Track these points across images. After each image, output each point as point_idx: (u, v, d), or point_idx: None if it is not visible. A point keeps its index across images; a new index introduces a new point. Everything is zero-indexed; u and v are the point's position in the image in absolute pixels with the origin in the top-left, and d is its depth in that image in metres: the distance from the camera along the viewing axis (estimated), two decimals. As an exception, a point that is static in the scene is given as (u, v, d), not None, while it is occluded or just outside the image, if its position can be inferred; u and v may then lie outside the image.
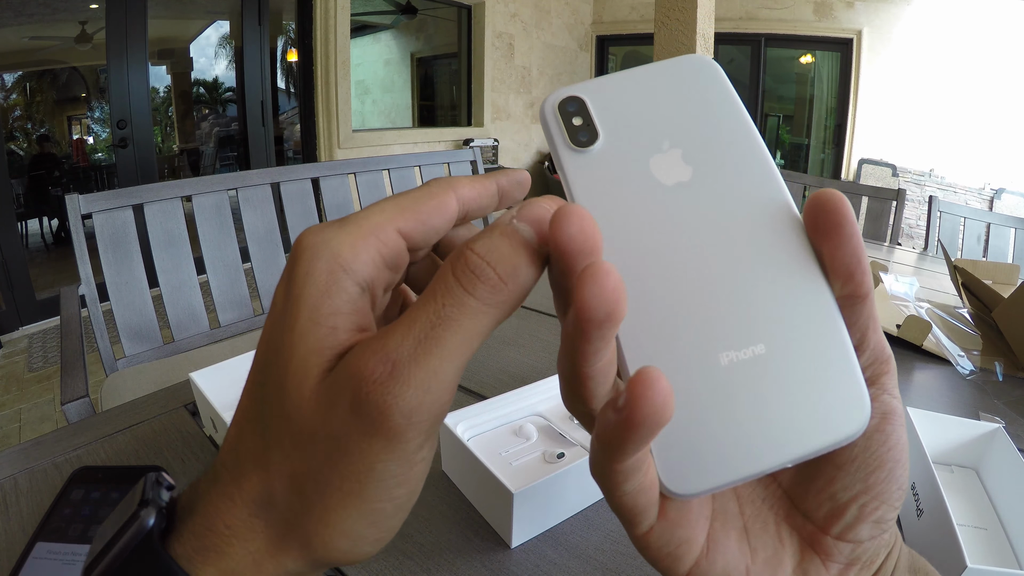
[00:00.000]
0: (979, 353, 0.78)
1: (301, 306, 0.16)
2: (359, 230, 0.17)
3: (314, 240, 0.17)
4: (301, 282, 0.16)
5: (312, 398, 0.16)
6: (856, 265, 0.17)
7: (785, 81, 5.92)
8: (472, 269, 0.16)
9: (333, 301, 0.16)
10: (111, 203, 1.10)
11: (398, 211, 0.18)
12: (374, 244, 0.17)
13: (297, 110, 4.06)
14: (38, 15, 2.78)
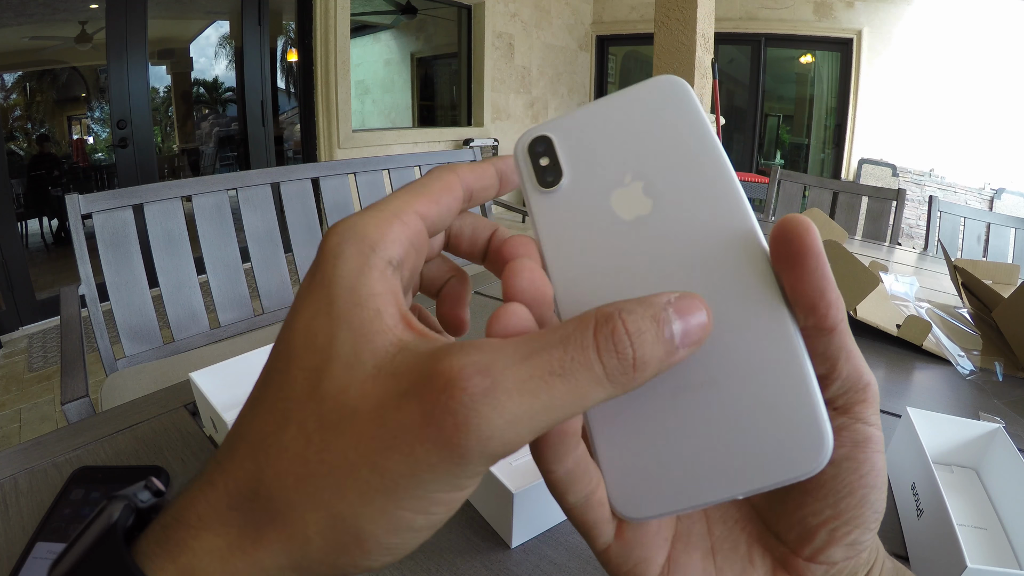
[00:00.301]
0: (979, 353, 0.78)
1: (336, 287, 0.16)
2: (382, 213, 0.17)
3: (340, 227, 0.17)
4: (331, 264, 0.16)
5: (363, 382, 0.14)
6: (819, 298, 0.16)
7: (785, 81, 5.92)
8: (615, 341, 0.14)
9: (368, 281, 0.16)
10: (111, 203, 1.10)
11: (413, 195, 0.18)
12: (398, 225, 0.17)
13: (297, 110, 4.06)
14: (38, 15, 2.78)
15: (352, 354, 0.15)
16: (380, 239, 0.16)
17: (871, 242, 1.65)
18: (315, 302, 0.16)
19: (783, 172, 2.00)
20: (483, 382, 0.13)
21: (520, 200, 5.65)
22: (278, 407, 0.15)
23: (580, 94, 6.62)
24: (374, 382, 0.14)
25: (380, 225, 0.17)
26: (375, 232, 0.16)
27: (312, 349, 0.15)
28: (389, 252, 0.16)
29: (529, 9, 5.58)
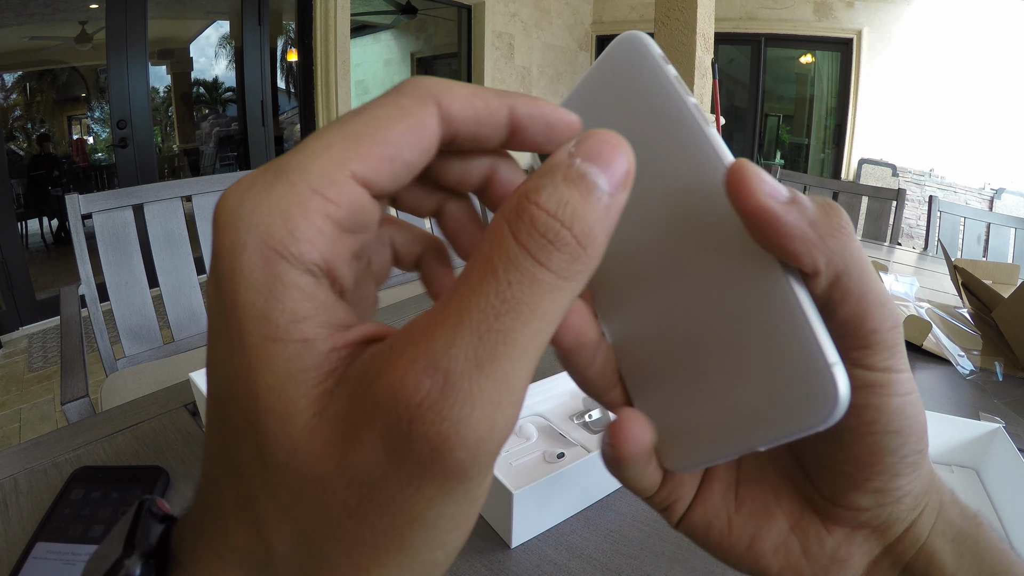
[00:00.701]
0: (979, 353, 0.78)
1: (244, 315, 0.12)
2: (293, 190, 0.12)
3: (232, 212, 0.12)
4: (230, 282, 0.12)
5: (310, 439, 0.11)
6: (776, 238, 0.14)
7: (785, 81, 5.92)
8: (543, 232, 0.11)
9: (284, 305, 0.12)
10: (111, 203, 1.10)
11: (350, 145, 0.13)
12: (318, 207, 0.12)
13: (297, 110, 4.06)
14: (38, 15, 2.78)
15: (283, 404, 0.11)
16: (290, 237, 0.12)
17: (871, 242, 1.65)
18: (226, 334, 0.12)
19: (783, 172, 2.01)
20: (433, 381, 0.11)
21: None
22: (234, 471, 0.13)
23: (580, 94, 6.61)
24: (318, 435, 0.11)
25: (290, 213, 0.12)
26: (281, 227, 0.12)
27: (238, 397, 0.12)
28: (307, 255, 0.12)
29: (529, 9, 5.58)
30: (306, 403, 0.11)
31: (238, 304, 0.12)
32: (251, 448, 0.12)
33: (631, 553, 0.43)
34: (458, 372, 0.11)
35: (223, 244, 0.12)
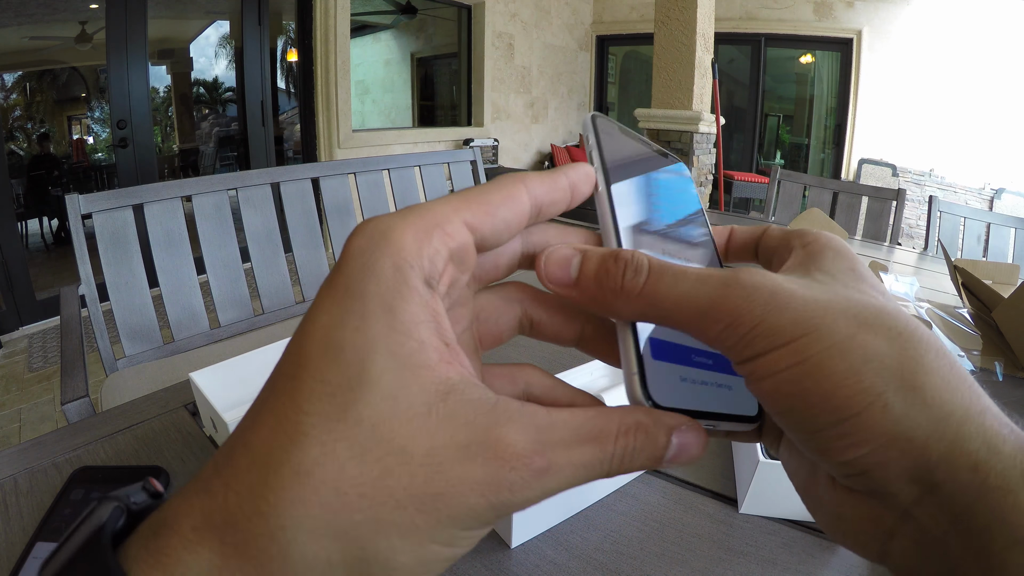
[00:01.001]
0: (979, 353, 0.78)
1: (370, 303, 0.14)
2: (422, 220, 0.16)
3: (371, 230, 0.15)
4: (362, 275, 0.15)
5: (412, 420, 0.14)
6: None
7: (785, 81, 5.92)
8: (625, 458, 0.16)
9: (410, 306, 0.15)
10: (111, 203, 1.10)
11: (463, 202, 0.17)
12: (439, 236, 0.16)
13: (297, 110, 4.06)
14: (38, 15, 2.78)
15: (396, 385, 0.14)
16: (418, 253, 0.15)
17: (871, 242, 1.65)
18: (342, 312, 0.14)
19: (783, 172, 2.00)
20: (542, 463, 0.15)
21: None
22: (289, 419, 0.14)
23: (580, 94, 6.62)
24: (426, 423, 0.14)
25: (419, 235, 0.15)
26: (412, 244, 0.15)
27: (336, 363, 0.14)
28: (428, 269, 0.15)
29: (529, 9, 5.58)
30: (418, 393, 0.14)
31: (367, 293, 0.14)
32: (328, 404, 0.14)
33: (631, 553, 0.43)
34: (554, 469, 0.15)
35: (361, 247, 0.15)
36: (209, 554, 0.13)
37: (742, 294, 0.16)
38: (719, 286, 0.16)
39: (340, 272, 0.15)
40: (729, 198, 5.17)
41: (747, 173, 5.49)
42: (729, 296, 0.16)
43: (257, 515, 0.13)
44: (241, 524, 0.13)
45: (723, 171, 4.22)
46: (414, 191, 1.58)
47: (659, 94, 3.20)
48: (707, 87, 3.20)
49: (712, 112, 3.21)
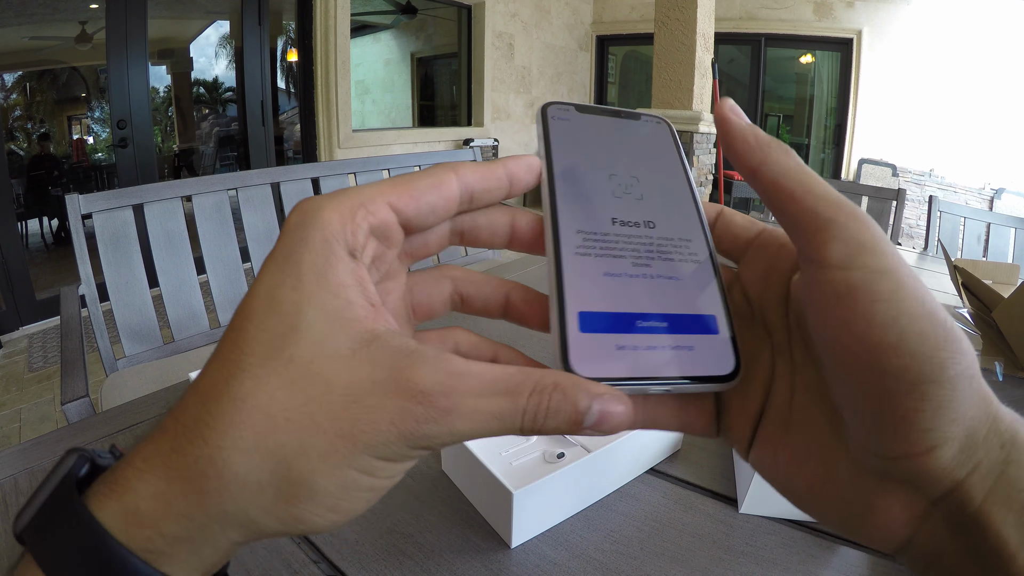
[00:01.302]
0: (979, 353, 0.78)
1: (304, 268, 0.17)
2: (348, 201, 0.18)
3: (304, 208, 0.18)
4: (297, 249, 0.17)
5: (337, 360, 0.16)
6: (735, 149, 0.19)
7: (785, 81, 5.92)
8: (538, 412, 0.17)
9: (337, 272, 0.17)
10: (111, 203, 1.10)
11: (390, 186, 0.19)
12: (361, 214, 0.18)
13: (297, 110, 4.06)
14: (38, 15, 2.78)
15: (325, 332, 0.16)
16: (341, 228, 0.17)
17: (871, 242, 1.65)
18: (280, 274, 0.17)
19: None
20: (446, 403, 0.16)
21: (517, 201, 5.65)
22: (231, 359, 0.16)
23: (580, 94, 6.62)
24: (349, 362, 0.16)
25: (343, 213, 0.18)
26: (337, 220, 0.17)
27: (275, 314, 0.16)
28: (351, 242, 0.17)
29: (529, 9, 5.58)
30: (344, 339, 0.16)
31: (302, 263, 0.17)
32: (265, 346, 0.16)
33: (631, 553, 0.43)
34: (457, 411, 0.16)
35: (295, 222, 0.18)
36: (155, 480, 0.15)
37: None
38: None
39: (280, 244, 0.18)
40: (729, 198, 5.17)
41: (747, 173, 5.48)
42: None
43: (199, 439, 0.15)
44: (185, 449, 0.15)
45: (723, 171, 4.22)
46: (414, 191, 1.58)
47: (659, 94, 3.20)
48: (707, 87, 3.20)
49: (712, 112, 3.21)
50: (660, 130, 0.25)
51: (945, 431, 0.15)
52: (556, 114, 0.24)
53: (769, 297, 0.21)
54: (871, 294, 0.15)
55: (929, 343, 0.15)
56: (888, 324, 0.15)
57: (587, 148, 0.24)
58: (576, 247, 0.21)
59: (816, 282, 0.17)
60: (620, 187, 0.23)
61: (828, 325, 0.16)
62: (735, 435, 0.21)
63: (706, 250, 0.22)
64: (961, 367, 0.15)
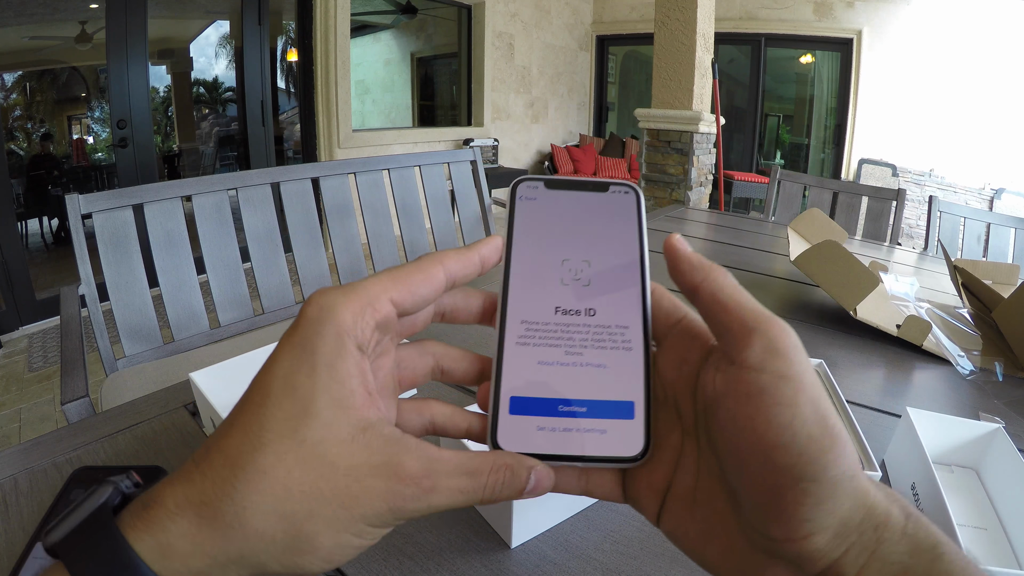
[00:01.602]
0: (979, 353, 0.78)
1: (318, 358, 0.20)
2: (358, 300, 0.21)
3: (321, 303, 0.21)
4: (312, 339, 0.20)
5: (340, 443, 0.20)
6: (676, 271, 0.23)
7: (785, 81, 5.92)
8: (494, 494, 0.21)
9: (346, 364, 0.20)
10: (111, 203, 1.10)
11: (392, 282, 0.22)
12: (370, 312, 0.21)
13: (297, 110, 4.06)
14: (38, 15, 2.78)
15: (331, 418, 0.20)
16: (354, 326, 0.21)
17: (871, 242, 1.65)
18: (297, 361, 0.20)
19: (783, 172, 2.00)
20: (427, 484, 0.20)
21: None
22: (253, 432, 0.19)
23: (580, 94, 6.62)
24: (350, 447, 0.20)
25: (356, 313, 0.21)
26: (350, 320, 0.21)
27: (291, 398, 0.20)
28: (360, 338, 0.21)
29: (529, 9, 5.58)
30: (345, 425, 0.20)
31: (317, 353, 0.20)
32: (283, 425, 0.19)
33: (631, 553, 0.43)
34: (437, 490, 0.21)
35: (313, 316, 0.21)
36: (187, 524, 0.18)
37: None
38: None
39: (297, 332, 0.21)
40: (729, 198, 5.17)
41: (747, 173, 5.49)
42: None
43: (226, 497, 0.18)
44: (213, 503, 0.18)
45: (723, 171, 4.22)
46: (414, 191, 1.58)
47: (659, 94, 3.20)
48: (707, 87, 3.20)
49: (712, 112, 3.21)
50: (626, 201, 0.27)
51: (821, 522, 0.18)
52: (524, 193, 0.27)
53: (681, 384, 0.24)
54: (774, 397, 0.18)
55: (815, 446, 0.18)
56: (784, 426, 0.18)
57: (547, 231, 0.26)
58: (518, 337, 0.24)
59: (733, 380, 0.20)
60: (570, 273, 0.25)
61: (736, 419, 0.19)
62: (642, 504, 0.24)
63: (640, 336, 0.24)
64: (841, 469, 0.18)
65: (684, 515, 0.22)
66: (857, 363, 0.73)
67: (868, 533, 0.19)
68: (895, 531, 0.19)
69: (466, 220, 1.74)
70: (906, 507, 0.20)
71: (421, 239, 1.59)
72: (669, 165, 3.23)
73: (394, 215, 1.54)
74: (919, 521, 0.19)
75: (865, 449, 0.44)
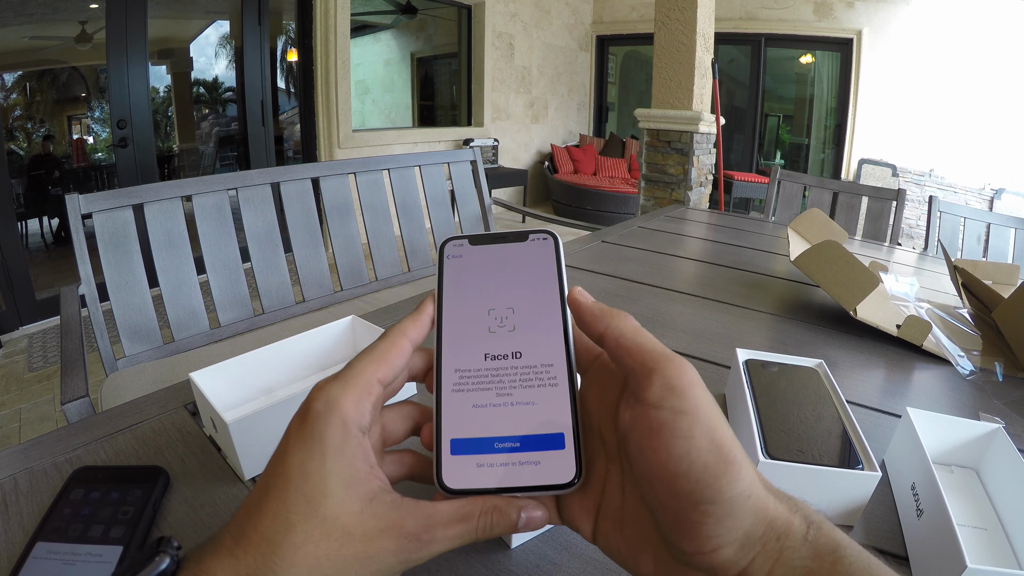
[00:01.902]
0: (979, 353, 0.78)
1: (327, 447, 0.24)
2: (356, 390, 0.25)
3: (326, 399, 0.24)
4: (321, 429, 0.24)
5: (353, 515, 0.23)
6: (582, 321, 0.27)
7: (785, 81, 5.92)
8: (487, 531, 0.25)
9: (351, 448, 0.24)
10: (111, 203, 1.10)
11: (375, 364, 0.26)
12: (366, 398, 0.25)
13: (297, 110, 4.06)
14: (38, 15, 2.78)
15: (344, 496, 0.23)
16: (356, 415, 0.24)
17: (871, 242, 1.65)
18: (310, 451, 0.24)
19: (783, 172, 2.00)
20: (427, 537, 0.24)
21: (517, 200, 5.64)
22: (281, 515, 0.23)
23: (580, 94, 6.62)
24: (360, 516, 0.23)
25: (355, 402, 0.25)
26: (352, 409, 0.24)
27: (308, 483, 0.23)
28: (362, 423, 0.25)
29: (529, 9, 5.58)
30: (355, 500, 0.24)
31: (325, 441, 0.24)
32: (305, 507, 0.23)
33: (631, 553, 0.42)
34: (435, 541, 0.24)
35: (319, 410, 0.24)
36: None
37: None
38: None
39: (307, 425, 0.24)
40: (729, 198, 5.17)
41: (747, 173, 5.49)
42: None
43: (269, 572, 0.22)
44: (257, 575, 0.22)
45: (723, 171, 4.22)
46: (414, 191, 1.58)
47: (659, 94, 3.20)
48: (707, 87, 3.20)
49: (712, 112, 3.21)
50: (544, 247, 0.30)
51: (725, 537, 0.21)
52: (451, 252, 0.30)
53: (603, 414, 0.27)
54: (672, 431, 0.21)
55: (711, 472, 0.21)
56: (681, 456, 0.21)
57: (473, 284, 0.29)
58: (453, 384, 0.27)
59: (638, 416, 0.23)
60: (496, 321, 0.28)
61: (642, 451, 0.22)
62: (578, 524, 0.26)
63: (565, 372, 0.27)
64: (737, 491, 0.21)
65: (615, 533, 0.25)
66: (857, 363, 0.73)
67: (771, 543, 0.21)
68: (797, 539, 0.21)
69: (466, 220, 1.74)
70: (809, 516, 0.22)
71: (421, 239, 1.59)
72: (669, 165, 3.23)
73: (394, 215, 1.54)
74: (821, 528, 0.22)
75: (865, 449, 0.44)
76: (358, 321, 0.62)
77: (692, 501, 0.21)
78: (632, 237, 1.34)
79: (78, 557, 0.36)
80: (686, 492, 0.21)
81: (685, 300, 0.92)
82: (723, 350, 0.73)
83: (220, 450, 0.50)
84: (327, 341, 0.60)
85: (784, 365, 0.56)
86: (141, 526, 0.38)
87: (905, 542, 0.43)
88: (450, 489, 0.25)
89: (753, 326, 0.83)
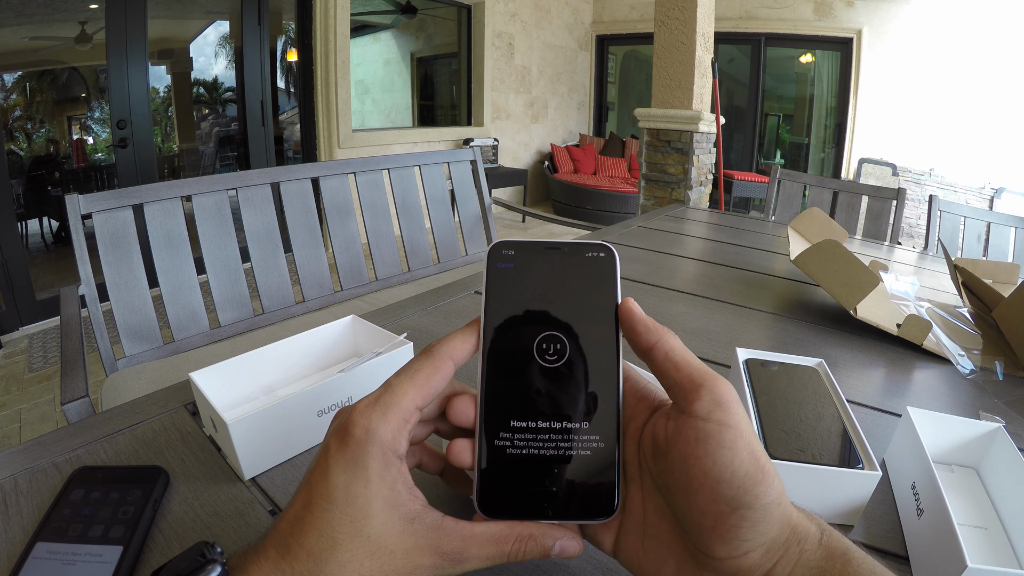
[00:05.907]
0: (979, 352, 0.78)
1: (370, 472, 0.25)
2: (395, 418, 0.26)
3: (367, 428, 0.25)
4: (364, 460, 0.25)
5: (395, 535, 0.25)
6: (632, 332, 0.27)
7: (785, 81, 5.92)
8: (516, 558, 0.27)
9: (391, 473, 0.26)
10: (111, 203, 1.10)
11: (416, 390, 0.26)
12: (404, 428, 0.26)
13: (297, 110, 4.06)
14: (38, 15, 2.78)
15: (387, 517, 0.25)
16: (394, 443, 0.26)
17: (871, 241, 1.65)
18: (353, 476, 0.25)
19: (783, 172, 2.00)
20: (461, 557, 0.26)
21: (517, 200, 5.64)
22: (327, 534, 0.24)
23: (580, 94, 6.62)
24: (402, 536, 0.25)
25: (394, 432, 0.26)
26: (391, 438, 0.26)
27: (353, 505, 0.25)
28: (400, 450, 0.26)
29: (529, 9, 5.58)
30: (397, 520, 0.25)
31: (368, 467, 0.25)
32: (350, 527, 0.25)
33: (631, 553, 0.42)
34: (469, 560, 0.26)
35: (359, 438, 0.25)
36: None
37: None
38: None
39: (348, 450, 0.25)
40: (729, 197, 5.17)
41: (747, 172, 5.49)
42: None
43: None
44: None
45: (723, 170, 4.22)
46: (414, 191, 1.58)
47: (659, 94, 3.19)
48: (707, 87, 3.20)
49: (712, 112, 3.21)
50: (603, 265, 0.28)
51: (756, 541, 0.23)
52: (500, 260, 0.28)
53: (626, 439, 0.28)
54: (718, 441, 0.23)
55: (750, 480, 0.23)
56: (725, 464, 0.23)
57: (523, 302, 0.27)
58: (496, 415, 0.27)
59: (683, 427, 0.24)
60: (547, 349, 0.27)
61: (687, 459, 0.24)
62: (599, 540, 0.28)
63: (614, 407, 0.27)
64: (770, 497, 0.23)
65: (636, 547, 0.27)
66: (857, 362, 0.73)
67: (792, 547, 0.24)
68: (813, 543, 0.24)
69: (466, 220, 1.74)
70: (821, 524, 0.25)
71: (421, 239, 1.59)
72: (669, 165, 3.23)
73: (394, 215, 1.54)
74: (832, 534, 0.25)
75: (865, 449, 0.44)
76: (358, 321, 0.62)
77: (732, 506, 0.23)
78: (632, 236, 1.34)
79: (78, 557, 0.36)
80: (727, 497, 0.23)
81: (685, 299, 0.92)
82: (723, 349, 0.73)
83: (220, 450, 0.50)
84: (327, 341, 0.60)
85: (784, 364, 0.56)
86: (141, 526, 0.38)
87: (905, 541, 0.43)
88: (488, 514, 0.26)
89: (753, 325, 0.83)
